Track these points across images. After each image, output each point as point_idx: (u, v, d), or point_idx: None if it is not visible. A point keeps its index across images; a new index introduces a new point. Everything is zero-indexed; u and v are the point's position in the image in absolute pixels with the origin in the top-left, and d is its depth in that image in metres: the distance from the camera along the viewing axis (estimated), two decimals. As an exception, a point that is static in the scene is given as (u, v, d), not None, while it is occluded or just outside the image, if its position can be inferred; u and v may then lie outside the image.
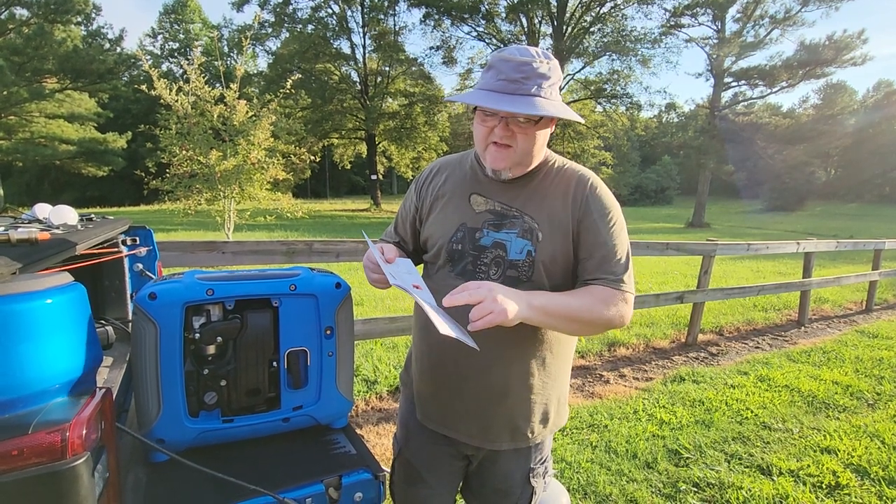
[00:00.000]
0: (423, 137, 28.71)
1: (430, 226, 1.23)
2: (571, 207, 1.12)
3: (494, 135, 1.05)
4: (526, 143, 1.06)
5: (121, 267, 1.63)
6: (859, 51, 24.23)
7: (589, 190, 1.13)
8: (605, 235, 1.11)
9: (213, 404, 1.07)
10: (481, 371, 1.15)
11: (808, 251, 6.06)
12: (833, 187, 48.17)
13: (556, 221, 1.12)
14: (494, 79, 1.02)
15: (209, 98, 8.84)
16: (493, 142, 1.07)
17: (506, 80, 1.00)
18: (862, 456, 2.73)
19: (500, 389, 1.15)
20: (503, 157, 1.08)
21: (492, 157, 1.09)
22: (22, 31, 20.70)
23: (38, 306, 0.67)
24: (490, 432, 1.19)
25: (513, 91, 1.00)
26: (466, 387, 1.17)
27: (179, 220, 10.25)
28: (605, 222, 1.11)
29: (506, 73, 1.01)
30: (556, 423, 1.26)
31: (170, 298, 0.99)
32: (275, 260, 2.74)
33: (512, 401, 1.17)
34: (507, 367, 1.14)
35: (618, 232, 1.12)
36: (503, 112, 1.01)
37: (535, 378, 1.16)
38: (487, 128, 1.07)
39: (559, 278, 1.13)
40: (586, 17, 25.46)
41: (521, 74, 1.00)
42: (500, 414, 1.17)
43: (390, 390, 3.45)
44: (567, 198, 1.13)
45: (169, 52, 41.20)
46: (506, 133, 1.04)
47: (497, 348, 1.12)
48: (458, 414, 1.20)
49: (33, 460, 0.61)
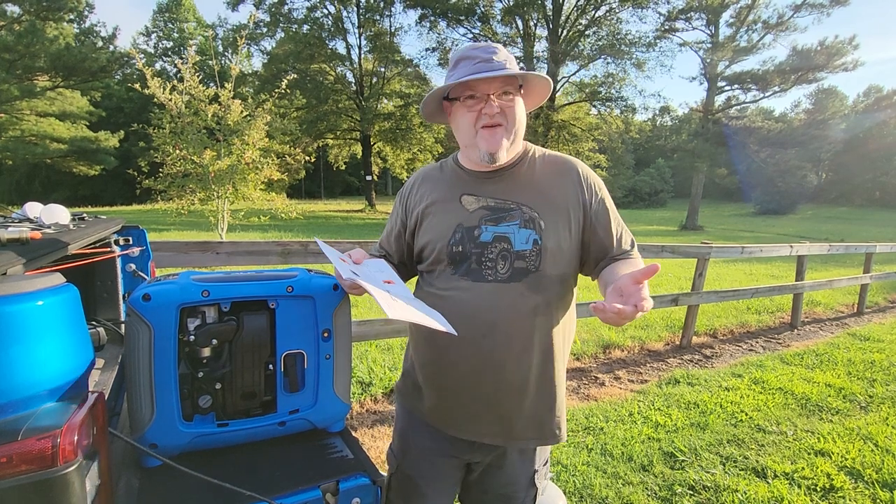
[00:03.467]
0: (418, 138, 28.69)
1: (424, 234, 1.21)
2: (578, 191, 1.17)
3: (483, 117, 1.11)
4: (513, 115, 1.13)
5: (113, 267, 1.61)
6: (850, 56, 24.50)
7: (587, 172, 1.21)
8: (614, 213, 1.20)
9: (207, 408, 1.05)
10: (496, 367, 1.12)
11: (800, 254, 6.11)
12: (824, 191, 48.73)
13: (556, 208, 1.14)
14: (471, 64, 1.10)
15: (203, 97, 8.78)
16: (483, 126, 1.12)
17: (482, 62, 1.10)
18: (855, 458, 2.74)
19: (518, 383, 1.13)
20: (498, 137, 1.12)
21: (485, 140, 1.12)
22: (13, 28, 20.45)
23: (29, 308, 0.65)
24: (514, 429, 1.15)
25: (489, 69, 1.09)
26: (483, 384, 1.13)
27: (172, 219, 10.16)
28: (609, 202, 1.21)
29: (479, 58, 1.11)
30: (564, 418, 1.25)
31: (164, 300, 0.98)
32: (270, 261, 2.72)
33: (532, 394, 1.14)
34: (521, 360, 1.12)
35: (614, 207, 1.22)
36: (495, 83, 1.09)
37: (550, 368, 1.15)
38: (475, 112, 1.12)
39: (564, 264, 1.14)
40: (581, 20, 25.57)
41: (491, 55, 1.11)
42: (523, 409, 1.14)
43: (385, 393, 3.43)
44: (565, 183, 1.17)
45: (163, 50, 40.99)
46: (495, 110, 1.10)
47: (509, 342, 1.11)
48: (477, 415, 1.16)
49: (23, 467, 0.59)
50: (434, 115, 1.26)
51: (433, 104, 1.22)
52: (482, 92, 1.10)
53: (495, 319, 1.10)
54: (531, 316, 1.11)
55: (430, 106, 1.22)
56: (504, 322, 1.10)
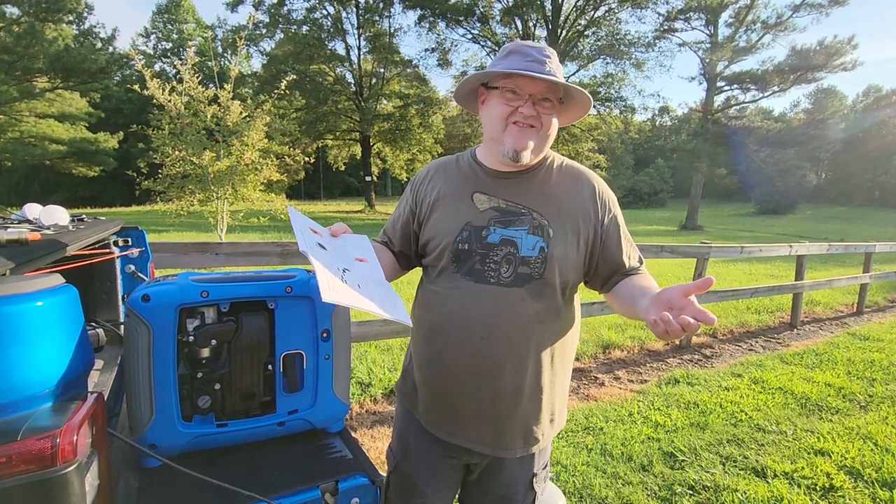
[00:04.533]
0: (417, 139, 28.68)
1: (432, 227, 1.20)
2: (592, 206, 1.16)
3: (519, 114, 1.08)
4: (548, 126, 1.10)
5: (112, 268, 1.61)
6: (849, 56, 24.53)
7: (602, 188, 1.19)
8: (623, 231, 1.20)
9: (206, 408, 1.05)
10: (495, 371, 1.11)
11: (800, 254, 6.11)
12: (823, 191, 48.76)
13: (568, 217, 1.13)
14: (523, 60, 1.07)
15: (203, 98, 8.78)
16: (515, 122, 1.09)
17: (534, 62, 1.06)
18: (855, 458, 2.74)
19: (514, 389, 1.12)
20: (527, 137, 1.09)
21: (514, 137, 1.09)
22: (12, 30, 20.44)
23: (29, 309, 0.65)
24: (504, 438, 1.15)
25: (541, 71, 1.05)
26: (480, 388, 1.13)
27: (172, 221, 10.14)
28: (620, 219, 1.20)
29: (533, 56, 1.07)
30: (559, 425, 1.24)
31: (163, 300, 0.98)
32: (269, 261, 2.72)
33: (525, 401, 1.14)
34: (518, 366, 1.11)
35: (624, 224, 1.22)
36: (540, 87, 1.07)
37: (545, 377, 1.14)
38: (511, 107, 1.08)
39: (568, 274, 1.13)
40: (581, 20, 25.60)
41: (545, 58, 1.08)
42: (514, 416, 1.14)
43: (385, 393, 3.43)
44: (579, 195, 1.16)
45: (162, 51, 40.96)
46: (532, 112, 1.07)
47: (508, 347, 1.10)
48: (470, 419, 1.15)
49: (22, 467, 0.59)
50: (466, 98, 1.23)
51: (470, 86, 1.18)
52: (525, 90, 1.07)
53: (495, 323, 1.09)
54: (531, 322, 1.10)
55: (467, 87, 1.18)
56: (504, 326, 1.09)
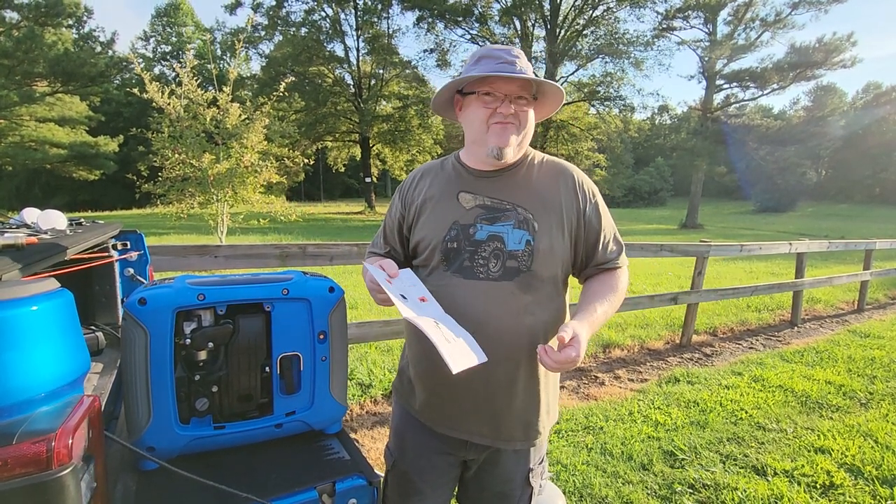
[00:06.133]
0: (417, 140, 28.71)
1: (421, 229, 1.23)
2: (573, 196, 1.19)
3: (498, 114, 1.13)
4: (525, 121, 1.16)
5: (111, 272, 1.61)
6: (848, 53, 24.49)
7: (583, 179, 1.23)
8: (606, 219, 1.23)
9: (204, 411, 1.06)
10: (486, 364, 1.11)
11: (800, 252, 6.10)
12: (824, 188, 48.71)
13: (551, 210, 1.16)
14: (494, 63, 1.13)
15: (202, 101, 8.80)
16: (496, 122, 1.14)
17: (505, 63, 1.13)
18: (855, 455, 2.74)
19: (508, 382, 1.15)
20: (509, 133, 1.14)
21: (496, 135, 1.14)
22: (12, 34, 20.49)
23: (23, 313, 0.65)
24: (502, 430, 1.17)
25: (513, 71, 1.12)
26: (473, 381, 1.14)
27: (172, 223, 10.17)
28: (602, 207, 1.23)
29: (503, 59, 1.13)
30: (553, 418, 1.27)
31: (160, 304, 0.98)
32: (268, 264, 2.72)
33: (521, 393, 1.16)
34: (511, 358, 1.14)
35: (607, 212, 1.25)
36: (514, 86, 1.12)
37: (539, 368, 1.17)
38: (490, 109, 1.14)
39: (555, 266, 1.16)
40: (579, 20, 25.59)
41: (514, 59, 1.14)
42: (511, 409, 1.16)
43: (385, 394, 3.43)
44: (560, 187, 1.19)
45: (161, 55, 41.04)
46: (510, 111, 1.13)
47: (500, 340, 1.12)
48: (467, 413, 1.17)
49: (18, 471, 0.59)
50: (443, 107, 1.28)
51: (446, 95, 1.23)
52: (500, 91, 1.13)
53: (486, 317, 1.12)
54: (521, 315, 1.12)
55: (443, 97, 1.24)
56: (495, 320, 1.12)
